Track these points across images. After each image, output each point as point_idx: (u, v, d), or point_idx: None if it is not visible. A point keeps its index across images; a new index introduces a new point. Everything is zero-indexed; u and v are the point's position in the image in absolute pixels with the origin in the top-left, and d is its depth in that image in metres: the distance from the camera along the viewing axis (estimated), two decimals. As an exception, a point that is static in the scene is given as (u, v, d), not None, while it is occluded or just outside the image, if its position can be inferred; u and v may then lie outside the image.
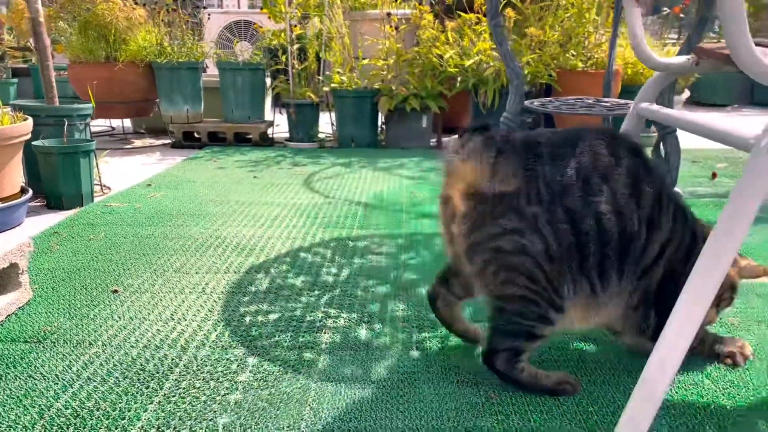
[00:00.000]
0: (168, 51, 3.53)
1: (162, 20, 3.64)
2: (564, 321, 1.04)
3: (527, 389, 1.09)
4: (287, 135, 3.77)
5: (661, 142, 1.63)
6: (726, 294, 1.14)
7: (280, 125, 4.04)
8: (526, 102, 1.90)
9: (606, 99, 2.15)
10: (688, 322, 0.75)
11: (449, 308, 1.22)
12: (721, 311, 1.18)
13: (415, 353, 1.23)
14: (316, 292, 1.52)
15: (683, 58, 1.16)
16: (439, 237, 1.90)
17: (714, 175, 2.72)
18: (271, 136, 3.76)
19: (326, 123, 3.82)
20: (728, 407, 1.04)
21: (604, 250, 0.98)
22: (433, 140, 3.67)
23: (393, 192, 2.52)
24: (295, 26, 3.69)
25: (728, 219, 0.73)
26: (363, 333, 1.31)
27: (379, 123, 3.65)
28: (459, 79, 3.41)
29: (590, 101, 2.10)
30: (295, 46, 3.64)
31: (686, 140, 3.74)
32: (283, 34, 3.93)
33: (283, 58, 3.67)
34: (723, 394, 1.08)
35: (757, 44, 0.81)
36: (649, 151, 1.92)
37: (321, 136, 3.74)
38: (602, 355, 1.22)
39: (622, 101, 2.04)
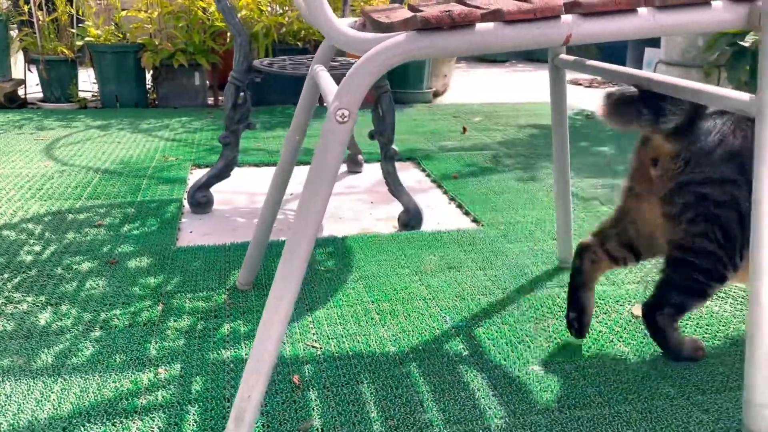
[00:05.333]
0: None
1: None
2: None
3: (669, 350, 1.08)
4: (42, 95, 3.37)
5: (378, 101, 1.68)
6: None
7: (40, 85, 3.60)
8: (255, 61, 1.86)
9: (340, 57, 2.17)
10: (280, 299, 0.76)
11: (594, 267, 1.13)
12: None
13: (97, 333, 1.15)
14: (6, 275, 1.37)
15: (349, 21, 1.17)
16: (174, 204, 1.84)
17: (464, 130, 2.92)
18: (23, 96, 3.34)
19: (91, 82, 3.48)
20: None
21: None
22: (211, 99, 3.50)
23: (143, 156, 2.37)
24: (40, -30, 3.26)
25: (309, 185, 0.74)
26: (44, 317, 1.20)
27: (149, 81, 3.40)
28: (229, 33, 3.27)
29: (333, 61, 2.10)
30: (41, -6, 3.23)
31: (453, 96, 4.00)
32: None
33: (26, 8, 3.24)
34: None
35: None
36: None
37: (84, 95, 3.40)
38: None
39: (353, 60, 2.08)
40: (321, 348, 1.12)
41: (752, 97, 0.77)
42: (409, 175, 2.27)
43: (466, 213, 1.86)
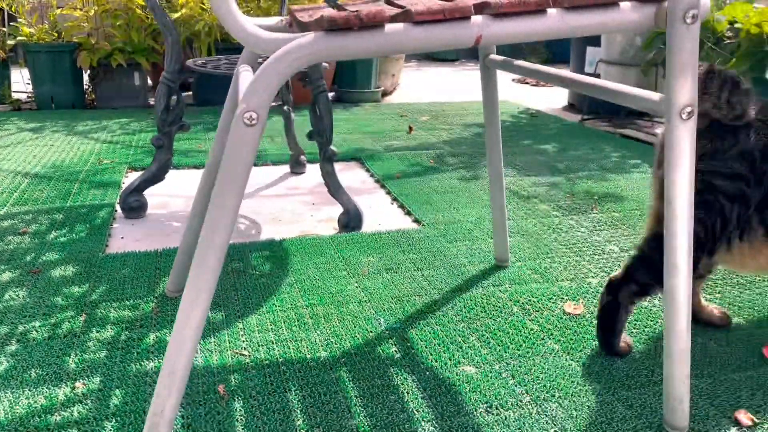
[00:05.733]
0: None
1: None
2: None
3: (605, 337, 1.09)
4: (-28, 96, 3.22)
5: (315, 101, 1.66)
6: None
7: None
8: (189, 61, 1.81)
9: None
10: (191, 311, 0.74)
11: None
12: None
13: (13, 347, 1.10)
14: None
15: (276, 19, 1.15)
16: (106, 209, 1.76)
17: (410, 129, 2.92)
18: (-49, 97, 3.18)
19: (24, 82, 3.34)
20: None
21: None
22: (152, 99, 3.41)
23: (76, 159, 2.28)
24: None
25: (218, 193, 0.71)
26: (-43, 332, 1.14)
27: (86, 81, 3.29)
28: (170, 32, 3.18)
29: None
30: (-31, -10, 3.08)
31: (402, 95, 4.00)
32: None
33: (-49, 5, 3.09)
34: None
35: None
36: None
37: (18, 96, 3.27)
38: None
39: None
40: (250, 355, 1.09)
41: (662, 96, 0.78)
42: (353, 175, 2.25)
43: (408, 213, 1.85)
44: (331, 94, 3.81)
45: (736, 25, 2.34)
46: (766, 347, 1.11)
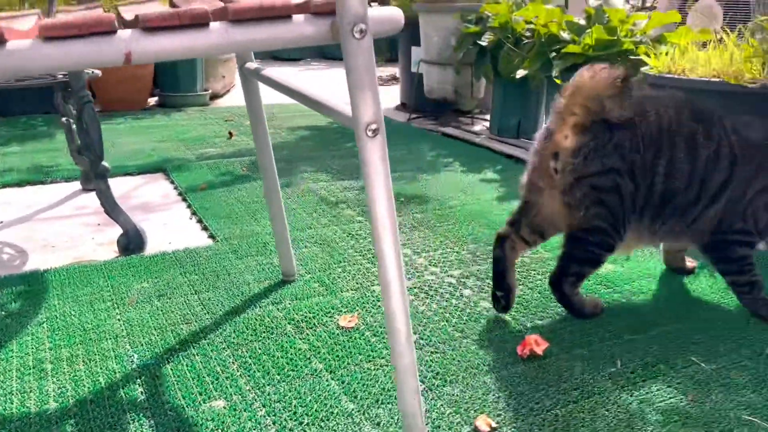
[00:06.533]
0: None
1: None
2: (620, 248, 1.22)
3: (575, 312, 1.25)
4: None
5: (80, 113, 1.51)
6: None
7: None
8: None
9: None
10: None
11: (513, 252, 1.27)
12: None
13: None
14: None
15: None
16: None
17: (231, 135, 2.81)
18: None
19: None
20: (59, 409, 0.98)
21: (664, 198, 1.17)
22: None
23: None
24: None
25: None
26: None
27: None
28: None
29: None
30: None
31: (234, 97, 3.85)
32: None
33: None
34: (64, 394, 1.01)
35: None
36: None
37: None
38: None
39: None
40: (-40, 418, 0.95)
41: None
42: (155, 188, 2.10)
43: (205, 228, 1.75)
44: (153, 100, 3.59)
45: (531, 26, 2.47)
46: (521, 345, 1.14)
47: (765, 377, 1.07)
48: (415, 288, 1.39)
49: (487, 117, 3.10)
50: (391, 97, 4.02)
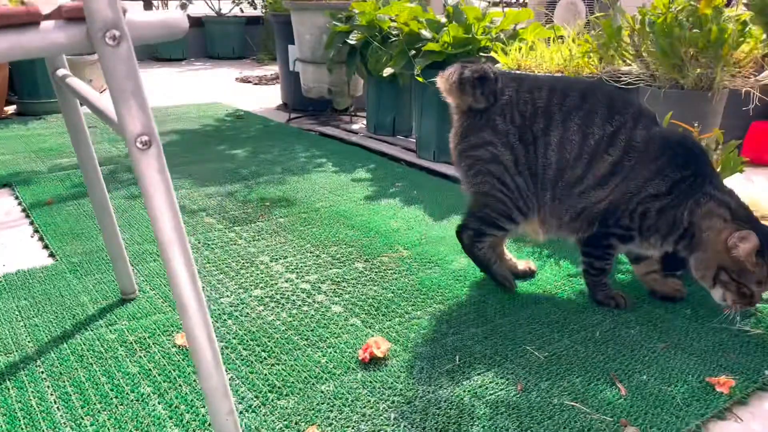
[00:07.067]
0: None
1: None
2: (527, 227, 1.35)
3: (479, 266, 1.40)
4: None
5: None
6: None
7: None
8: None
9: None
10: None
11: (496, 247, 1.44)
12: None
13: None
14: None
15: None
16: None
17: (90, 142, 2.64)
18: None
19: None
20: None
21: (546, 173, 1.28)
22: None
23: None
24: None
25: None
26: None
27: None
28: None
29: None
30: None
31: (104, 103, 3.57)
32: None
33: None
34: None
35: None
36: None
37: None
38: None
39: None
40: None
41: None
42: (-4, 206, 1.93)
43: (46, 247, 1.62)
44: (11, 108, 3.32)
45: (395, 24, 2.48)
46: (362, 350, 1.13)
47: (592, 361, 1.12)
48: (266, 297, 1.35)
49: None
50: (274, 96, 3.95)
